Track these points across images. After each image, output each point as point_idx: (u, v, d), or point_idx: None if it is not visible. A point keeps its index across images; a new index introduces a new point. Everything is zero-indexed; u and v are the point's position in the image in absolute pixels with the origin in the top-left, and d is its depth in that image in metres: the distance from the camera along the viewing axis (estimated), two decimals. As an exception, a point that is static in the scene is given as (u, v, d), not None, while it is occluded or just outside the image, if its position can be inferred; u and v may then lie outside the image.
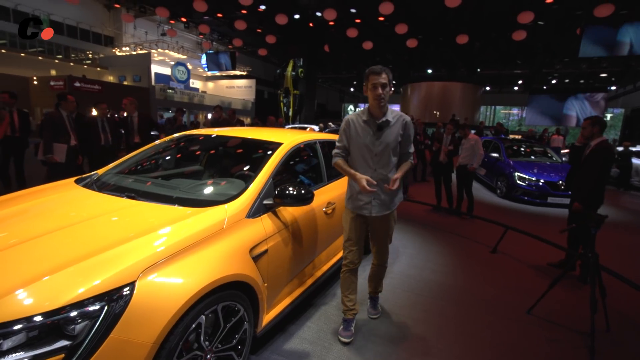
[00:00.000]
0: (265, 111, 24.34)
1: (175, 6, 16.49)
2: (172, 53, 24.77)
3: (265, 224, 1.97)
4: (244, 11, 15.80)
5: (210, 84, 29.67)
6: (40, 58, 21.35)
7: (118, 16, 22.45)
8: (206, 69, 23.45)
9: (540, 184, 6.82)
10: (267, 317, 2.02)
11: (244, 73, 28.59)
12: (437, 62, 21.37)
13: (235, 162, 2.61)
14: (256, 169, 2.17)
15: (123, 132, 5.47)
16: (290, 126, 14.65)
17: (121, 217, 1.73)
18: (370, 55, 19.42)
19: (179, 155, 2.89)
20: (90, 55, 24.37)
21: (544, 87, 24.33)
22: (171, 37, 21.12)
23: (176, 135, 2.95)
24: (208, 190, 2.18)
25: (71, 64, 22.80)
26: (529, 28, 13.15)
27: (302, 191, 2.01)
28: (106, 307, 1.22)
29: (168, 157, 2.82)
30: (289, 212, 2.21)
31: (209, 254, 1.59)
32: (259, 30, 18.05)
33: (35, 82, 17.65)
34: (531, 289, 3.09)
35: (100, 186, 2.18)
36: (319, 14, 15.11)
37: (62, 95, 4.55)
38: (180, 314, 1.36)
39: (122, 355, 1.21)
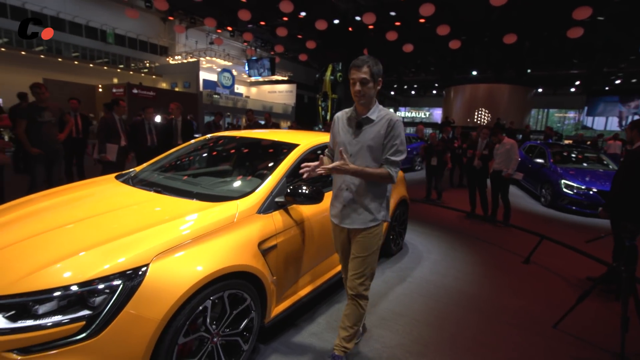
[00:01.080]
0: (305, 115, 24.83)
1: (222, 16, 17.50)
2: (218, 60, 26.17)
3: (275, 220, 2.08)
4: (285, 18, 16.32)
5: (254, 89, 30.85)
6: (105, 68, 23.65)
7: (172, 27, 24.24)
8: (248, 75, 24.47)
9: (591, 193, 6.27)
10: (276, 310, 2.12)
11: (285, 78, 29.37)
12: (483, 63, 20.41)
13: (255, 161, 2.76)
14: (272, 168, 2.30)
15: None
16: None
17: (146, 208, 1.94)
18: (411, 57, 19.06)
19: (214, 153, 3.13)
20: (147, 64, 26.52)
21: (606, 88, 22.16)
22: (218, 45, 22.37)
23: (207, 136, 3.19)
24: (224, 187, 2.35)
25: (131, 72, 24.98)
26: (586, 24, 12.14)
27: (313, 190, 2.09)
28: (123, 284, 1.39)
29: (197, 156, 3.06)
30: (301, 211, 2.31)
31: (217, 244, 1.72)
32: (300, 36, 18.53)
33: (100, 90, 19.59)
34: (563, 303, 2.87)
35: (135, 182, 2.43)
36: (358, 18, 15.18)
37: (115, 100, 5.06)
38: (186, 296, 1.50)
39: (133, 328, 1.37)
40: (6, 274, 1.39)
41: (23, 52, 19.61)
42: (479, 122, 19.39)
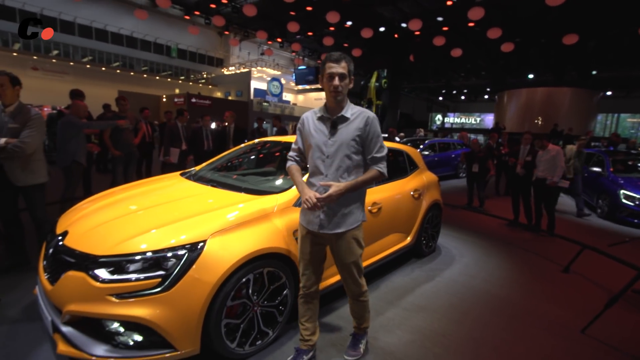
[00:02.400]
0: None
1: (273, 28, 18.56)
2: (268, 70, 27.59)
3: (309, 213, 2.40)
4: (331, 28, 16.87)
5: (301, 97, 31.90)
6: (168, 80, 26.11)
7: (227, 41, 26.11)
8: (295, 84, 25.46)
9: (657, 205, 5.77)
10: (308, 292, 2.43)
11: (332, 85, 30.00)
12: (540, 66, 19.16)
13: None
14: (308, 169, 2.64)
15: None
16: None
17: (204, 198, 2.38)
18: (460, 62, 18.53)
19: (260, 155, 3.57)
20: (204, 75, 28.77)
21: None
22: (268, 55, 23.65)
23: (256, 140, 3.64)
24: (267, 183, 2.73)
25: (190, 83, 27.29)
26: (662, 20, 11.01)
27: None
28: (187, 254, 1.80)
29: (246, 158, 3.51)
30: (333, 207, 2.61)
31: (259, 229, 2.09)
32: (346, 45, 18.96)
33: (164, 99, 21.71)
34: (598, 312, 2.84)
35: (195, 178, 2.92)
36: (404, 25, 15.21)
37: (180, 111, 5.80)
38: (234, 268, 1.87)
39: (194, 288, 1.77)
40: (106, 242, 1.87)
41: (103, 68, 22.40)
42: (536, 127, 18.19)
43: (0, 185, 2.79)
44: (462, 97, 31.39)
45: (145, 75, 24.81)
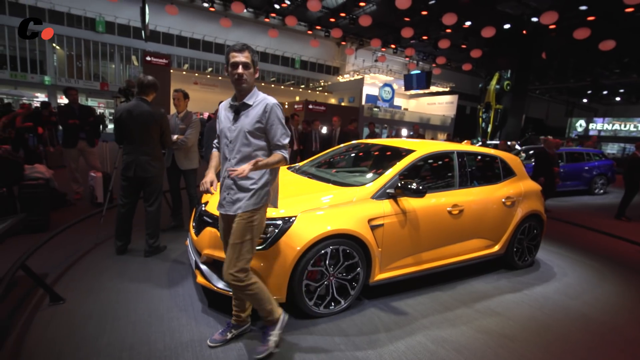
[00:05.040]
0: (465, 127, 23.48)
1: (387, 35, 18.92)
2: (380, 76, 28.02)
3: (384, 206, 2.74)
4: (448, 30, 16.21)
5: (413, 102, 31.25)
6: (291, 88, 29.25)
7: (344, 50, 27.67)
8: (405, 89, 25.18)
9: None
10: (380, 276, 2.77)
11: (447, 89, 28.48)
12: None
13: (380, 161, 3.48)
14: (389, 167, 2.98)
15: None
16: (479, 144, 13.82)
17: (301, 186, 2.98)
18: (613, 56, 15.29)
19: (352, 155, 4.07)
20: (322, 83, 31.10)
21: None
22: (382, 62, 24.08)
23: (354, 142, 4.13)
24: (352, 178, 3.15)
25: (309, 91, 29.92)
26: None
27: (419, 187, 2.66)
28: (282, 224, 2.39)
29: (339, 157, 4.04)
30: (410, 203, 2.87)
31: (339, 212, 2.54)
32: (464, 46, 17.87)
33: (286, 106, 24.50)
34: None
35: (298, 171, 3.57)
36: (535, 19, 13.52)
37: (292, 115, 6.79)
38: (314, 240, 2.37)
39: (285, 250, 2.34)
40: (231, 210, 2.61)
41: (240, 80, 26.62)
42: None
43: (172, 169, 4.01)
44: (617, 99, 25.33)
45: (272, 85, 28.42)
